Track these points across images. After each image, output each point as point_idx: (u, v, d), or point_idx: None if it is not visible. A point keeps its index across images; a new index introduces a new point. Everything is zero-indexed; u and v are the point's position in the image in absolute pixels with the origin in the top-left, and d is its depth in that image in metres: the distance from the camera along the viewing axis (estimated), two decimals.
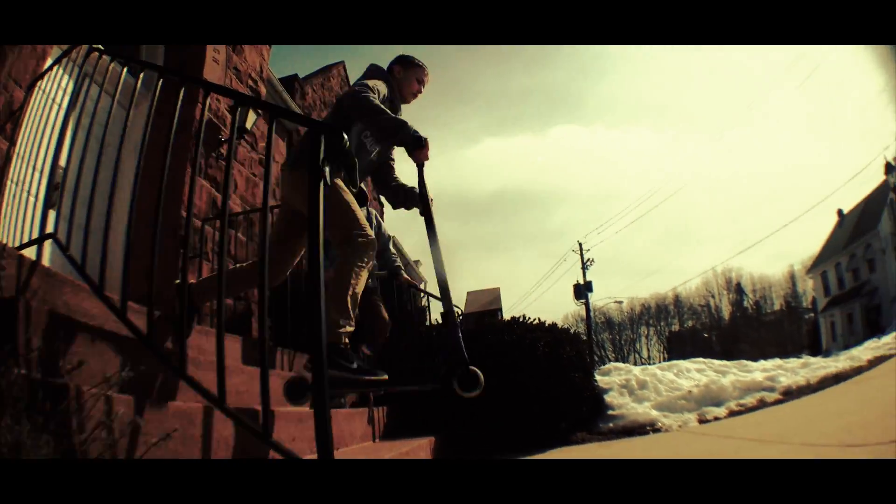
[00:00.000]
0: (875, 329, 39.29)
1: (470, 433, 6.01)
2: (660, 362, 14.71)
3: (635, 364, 11.32)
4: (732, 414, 7.40)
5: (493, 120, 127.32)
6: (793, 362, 10.54)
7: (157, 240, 2.61)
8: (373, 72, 4.18)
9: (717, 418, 7.25)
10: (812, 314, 62.90)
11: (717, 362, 10.20)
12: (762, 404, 7.62)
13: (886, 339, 12.91)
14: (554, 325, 7.41)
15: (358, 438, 4.80)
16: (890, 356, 9.63)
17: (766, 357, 14.13)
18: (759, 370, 9.59)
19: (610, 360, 68.33)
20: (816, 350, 50.82)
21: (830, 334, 52.42)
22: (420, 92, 4.38)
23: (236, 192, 7.39)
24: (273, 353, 5.36)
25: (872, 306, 46.78)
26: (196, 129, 4.61)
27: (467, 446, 5.82)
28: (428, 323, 8.21)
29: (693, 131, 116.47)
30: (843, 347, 38.46)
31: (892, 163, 37.00)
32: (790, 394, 7.95)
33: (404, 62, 4.32)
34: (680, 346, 67.22)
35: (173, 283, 3.69)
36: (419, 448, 4.61)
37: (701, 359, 10.56)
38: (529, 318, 7.44)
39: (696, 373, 9.37)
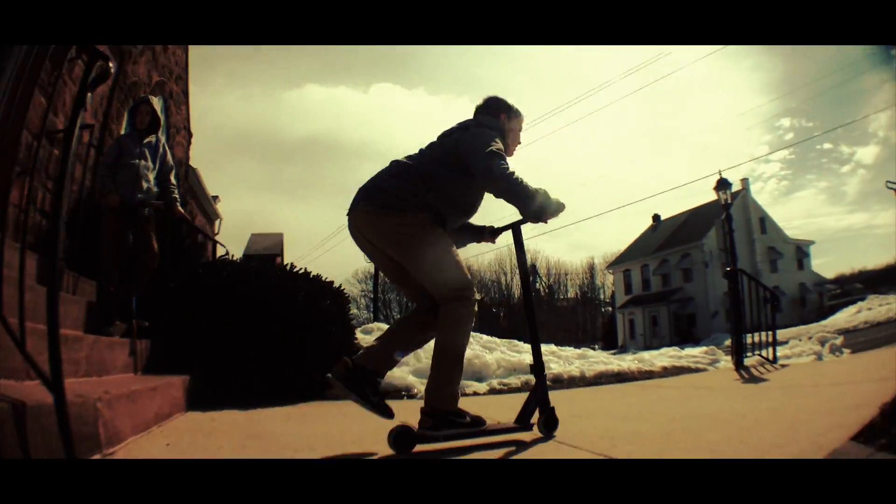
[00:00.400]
0: (686, 338, 42.75)
1: (228, 376, 6.12)
2: None
3: None
4: (493, 391, 7.77)
5: (318, 67, 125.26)
6: (568, 351, 11.07)
7: None
8: (492, 119, 4.07)
9: (476, 393, 7.62)
10: (610, 308, 66.88)
11: (485, 337, 10.58)
12: (526, 387, 7.82)
13: (693, 350, 13.49)
14: (317, 277, 7.44)
15: (119, 369, 5.00)
16: (690, 369, 10.15)
17: (557, 342, 14.80)
18: (529, 352, 9.82)
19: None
20: (612, 344, 54.47)
21: (629, 331, 56.29)
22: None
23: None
24: None
25: (684, 314, 50.72)
26: None
27: (222, 388, 5.96)
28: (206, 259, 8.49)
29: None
30: (643, 347, 41.57)
31: (728, 179, 40.16)
32: (559, 382, 8.47)
33: (510, 111, 4.20)
34: None
35: None
36: (171, 385, 4.83)
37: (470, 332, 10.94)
38: (299, 268, 7.52)
39: None
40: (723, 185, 18.85)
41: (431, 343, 3.75)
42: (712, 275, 48.19)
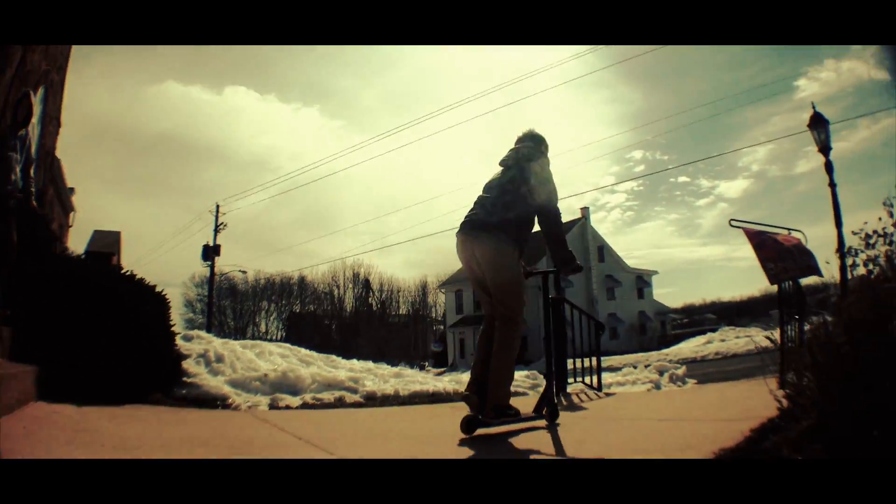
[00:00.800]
0: (517, 360, 43.87)
1: (66, 370, 6.12)
2: (278, 340, 15.20)
3: (253, 337, 11.68)
4: (306, 406, 7.99)
5: (177, 64, 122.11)
6: (384, 369, 11.30)
7: None
8: (544, 154, 5.41)
9: (288, 406, 7.83)
10: (441, 326, 68.01)
11: (303, 351, 10.86)
12: (341, 403, 8.26)
13: (518, 374, 13.19)
14: (140, 280, 7.63)
15: None
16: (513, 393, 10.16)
17: (386, 357, 15.14)
18: (346, 368, 10.35)
19: (230, 327, 68.90)
20: (442, 362, 55.37)
21: (459, 351, 57.01)
22: None
23: None
24: None
25: None
26: None
27: (68, 382, 5.94)
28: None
29: (365, 127, 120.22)
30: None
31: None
32: (373, 399, 8.66)
33: (547, 147, 5.51)
34: (299, 328, 69.36)
35: None
36: (23, 373, 5.11)
37: (287, 345, 11.25)
38: (129, 270, 7.72)
39: (279, 357, 10.02)
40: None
41: (251, 356, 4.37)
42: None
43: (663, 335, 56.65)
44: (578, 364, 9.29)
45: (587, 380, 9.19)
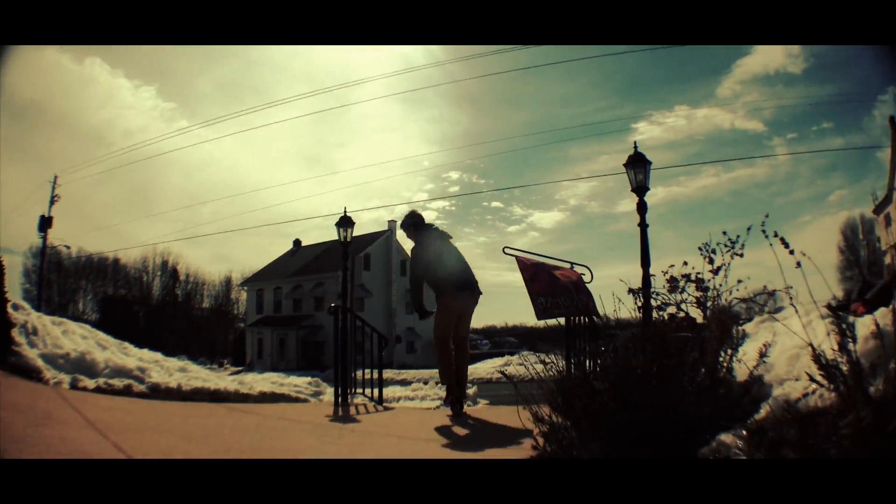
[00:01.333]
0: (314, 364, 43.92)
1: None
2: (92, 322, 14.39)
3: (74, 317, 11.23)
4: (99, 389, 8.06)
5: None
6: (171, 362, 11.14)
7: None
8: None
9: (85, 388, 7.93)
10: (242, 324, 67.12)
11: (101, 334, 10.71)
12: (128, 391, 8.32)
13: (298, 379, 13.44)
14: None
15: None
16: (289, 398, 10.45)
17: (188, 351, 14.87)
18: (136, 357, 10.26)
19: (55, 303, 65.28)
20: (240, 361, 54.67)
21: (257, 350, 56.56)
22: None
23: None
24: None
25: (314, 341, 52.07)
26: None
27: None
28: None
29: (195, 113, 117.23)
30: (270, 367, 41.98)
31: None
32: (157, 391, 8.73)
33: None
34: (112, 311, 66.39)
35: None
36: None
37: (88, 326, 10.97)
38: None
39: (80, 338, 9.82)
40: (344, 222, 19.17)
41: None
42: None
43: None
44: (372, 374, 9.37)
45: (368, 392, 9.33)
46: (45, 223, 40.37)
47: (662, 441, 3.27)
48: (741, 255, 4.04)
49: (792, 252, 3.15)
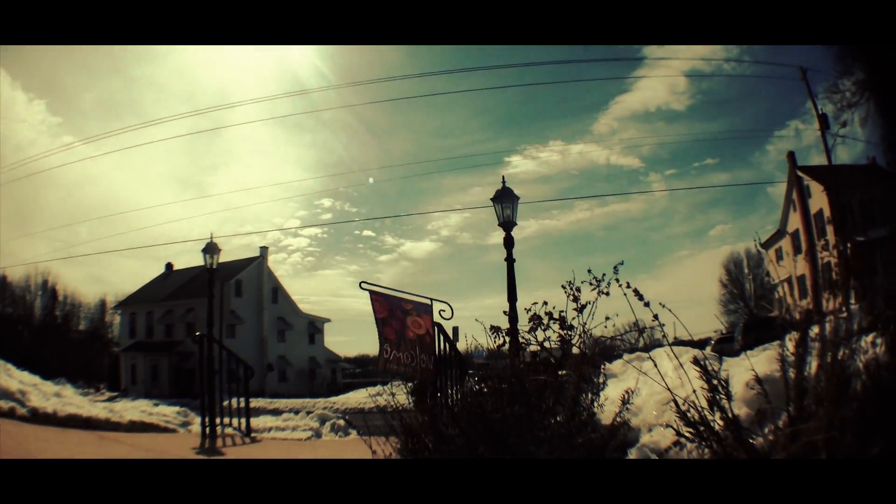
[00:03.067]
0: (186, 392, 43.22)
1: None
2: None
3: None
4: None
5: None
6: (48, 386, 11.34)
7: None
8: None
9: None
10: (116, 349, 65.55)
11: None
12: (12, 413, 8.69)
13: (167, 409, 13.45)
14: None
15: None
16: (159, 427, 10.71)
17: (68, 374, 14.79)
18: (17, 380, 10.46)
19: None
20: (115, 386, 53.49)
21: (131, 376, 55.61)
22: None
23: None
24: None
25: (186, 368, 51.11)
26: None
27: None
28: None
29: (78, 129, 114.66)
30: (143, 394, 41.26)
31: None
32: (36, 416, 9.09)
33: None
34: None
35: None
36: None
37: None
38: None
39: None
40: (210, 248, 19.43)
41: None
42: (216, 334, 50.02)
43: (333, 382, 57.23)
44: (247, 403, 9.67)
45: (235, 422, 9.60)
46: None
47: None
48: (607, 294, 4.27)
49: (647, 304, 3.30)
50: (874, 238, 20.57)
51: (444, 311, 7.12)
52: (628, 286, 3.42)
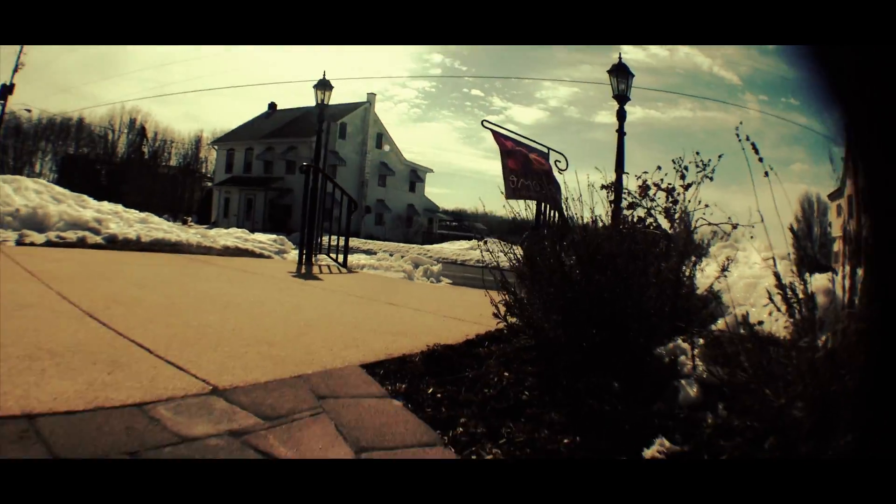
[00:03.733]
0: (280, 227, 43.78)
1: None
2: (50, 181, 14.11)
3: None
4: (49, 243, 7.88)
5: None
6: (132, 213, 11.05)
7: None
8: None
9: (32, 243, 7.71)
10: (209, 183, 66.72)
11: (57, 188, 10.57)
12: (82, 243, 8.17)
13: (262, 236, 13.15)
14: None
15: None
16: (253, 253, 10.38)
17: (152, 209, 14.43)
18: (94, 209, 10.04)
19: (10, 167, 63.81)
20: (205, 219, 54.48)
21: (224, 209, 56.53)
22: None
23: None
24: None
25: (281, 204, 51.93)
26: None
27: None
28: None
29: None
30: (236, 227, 42.07)
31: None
32: (114, 242, 8.58)
33: None
34: (72, 170, 65.00)
35: None
36: None
37: (43, 181, 10.83)
38: None
39: (33, 193, 9.66)
40: (323, 85, 18.88)
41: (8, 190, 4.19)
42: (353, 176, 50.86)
43: (429, 232, 57.94)
44: (338, 241, 9.50)
45: (333, 256, 9.40)
46: (6, 90, 39.07)
47: (621, 328, 3.25)
48: (711, 179, 3.97)
49: (761, 160, 2.99)
50: None
51: (559, 161, 7.20)
52: (748, 139, 2.94)
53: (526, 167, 6.27)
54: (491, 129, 6.39)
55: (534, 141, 6.99)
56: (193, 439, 2.27)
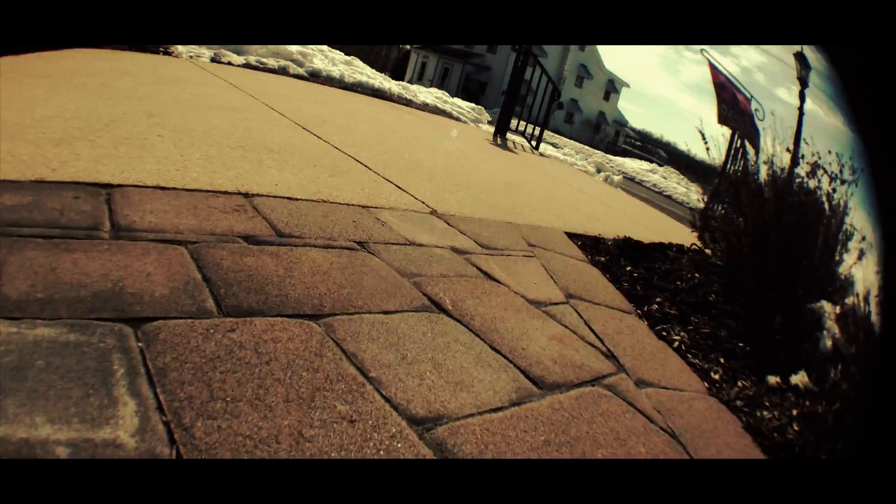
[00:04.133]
0: (472, 101, 44.08)
1: None
2: None
3: None
4: (248, 66, 7.75)
5: None
6: (336, 54, 10.69)
7: None
8: None
9: (230, 63, 7.46)
10: (409, 46, 67.59)
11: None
12: (283, 72, 8.08)
13: (462, 102, 12.76)
14: None
15: None
16: (450, 115, 10.34)
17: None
18: (300, 45, 9.63)
19: None
20: (399, 77, 55.44)
21: (419, 72, 57.23)
22: None
23: None
24: None
25: (477, 79, 52.35)
26: None
27: None
28: None
29: None
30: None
31: None
32: (317, 76, 8.53)
33: None
34: None
35: None
36: None
37: None
38: None
39: None
40: None
41: None
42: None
43: (614, 144, 56.86)
44: (527, 127, 9.65)
45: (526, 137, 9.52)
46: None
47: (791, 268, 3.41)
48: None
49: None
50: None
51: (757, 110, 7.08)
52: None
53: (734, 103, 6.74)
54: (709, 59, 6.83)
55: (742, 85, 7.19)
56: (420, 245, 2.41)
